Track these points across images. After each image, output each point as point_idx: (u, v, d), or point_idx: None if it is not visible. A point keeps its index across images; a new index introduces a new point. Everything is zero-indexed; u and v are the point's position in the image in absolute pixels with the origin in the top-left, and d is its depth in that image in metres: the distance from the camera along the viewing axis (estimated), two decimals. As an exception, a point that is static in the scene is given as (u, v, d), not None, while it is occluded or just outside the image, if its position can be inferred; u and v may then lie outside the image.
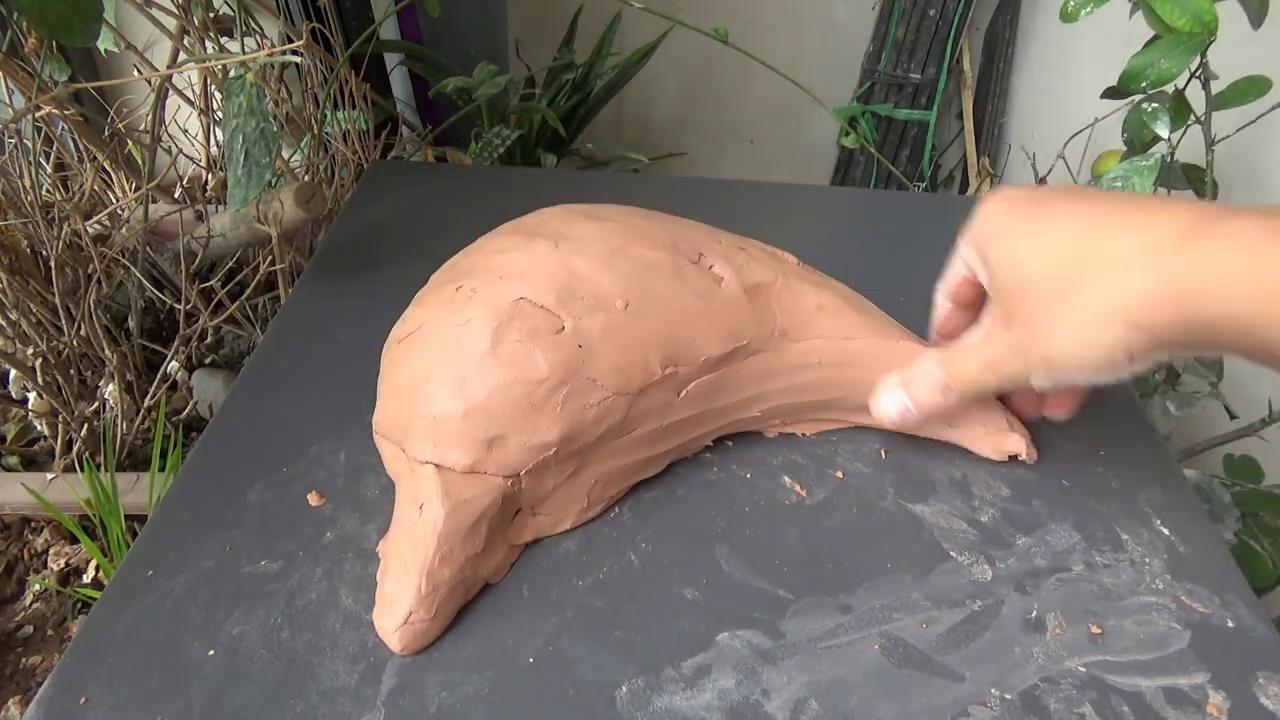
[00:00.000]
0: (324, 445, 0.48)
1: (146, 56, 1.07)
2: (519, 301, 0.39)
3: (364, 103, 1.22)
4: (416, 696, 0.36)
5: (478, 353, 0.38)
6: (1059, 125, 1.31)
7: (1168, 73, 0.69)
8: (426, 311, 0.41)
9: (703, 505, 0.46)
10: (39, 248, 1.00)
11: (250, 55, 0.66)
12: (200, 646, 0.38)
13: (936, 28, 1.69)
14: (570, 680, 0.38)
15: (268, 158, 0.62)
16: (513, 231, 0.44)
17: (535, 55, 1.70)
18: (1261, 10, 0.71)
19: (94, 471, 0.93)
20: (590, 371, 0.39)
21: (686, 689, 0.38)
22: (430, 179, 0.78)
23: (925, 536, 0.45)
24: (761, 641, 0.40)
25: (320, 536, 0.43)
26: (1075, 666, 0.39)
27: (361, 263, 0.65)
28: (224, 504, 0.45)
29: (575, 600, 0.41)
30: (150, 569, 0.41)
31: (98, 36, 0.63)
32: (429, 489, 0.39)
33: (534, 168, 1.43)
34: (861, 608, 0.41)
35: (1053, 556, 0.44)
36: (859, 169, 1.90)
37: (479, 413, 0.38)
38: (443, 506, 0.38)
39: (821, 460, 0.49)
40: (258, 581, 0.41)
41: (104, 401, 1.04)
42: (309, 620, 0.39)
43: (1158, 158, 0.67)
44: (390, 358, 0.42)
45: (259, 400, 0.52)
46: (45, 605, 0.99)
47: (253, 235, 1.07)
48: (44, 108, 0.95)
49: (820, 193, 0.81)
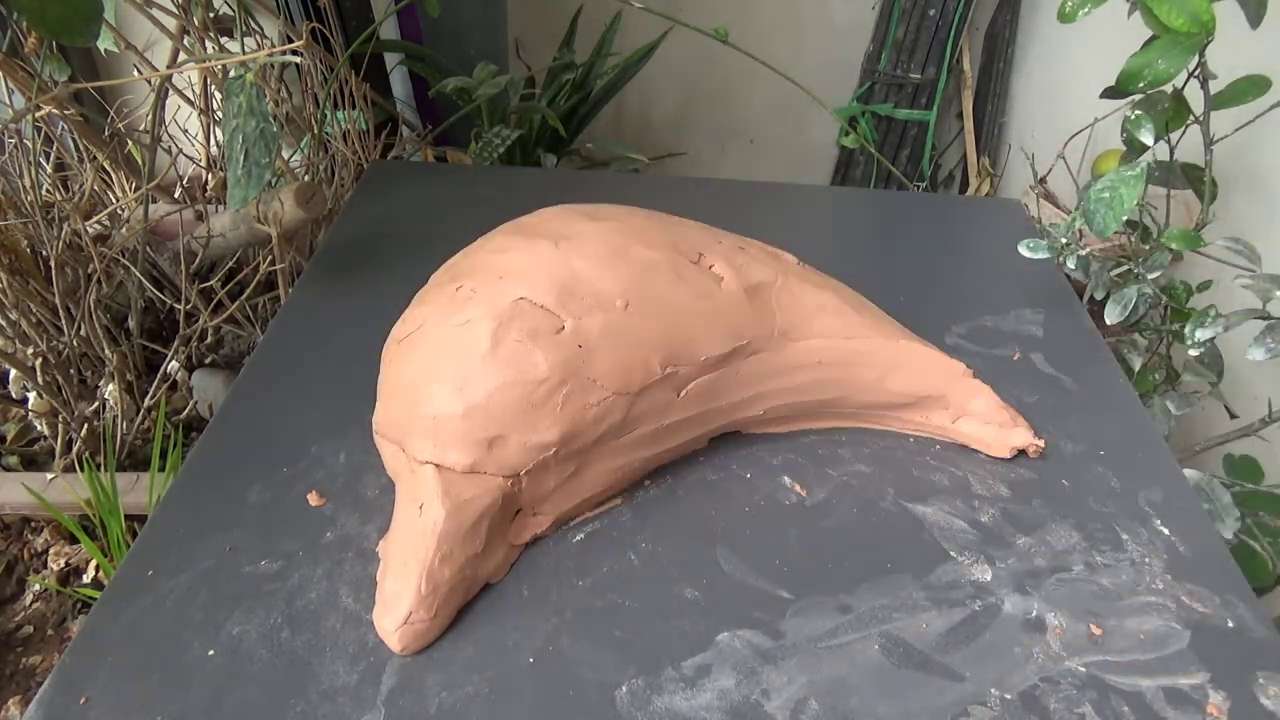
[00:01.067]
0: (324, 445, 0.48)
1: (146, 56, 1.07)
2: (519, 302, 0.39)
3: (364, 103, 1.22)
4: (416, 696, 0.36)
5: (478, 353, 0.38)
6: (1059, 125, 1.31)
7: (1165, 73, 0.69)
8: (426, 312, 0.41)
9: (703, 505, 0.46)
10: (39, 248, 1.00)
11: (250, 55, 0.66)
12: (200, 646, 0.38)
13: (936, 28, 1.69)
14: (570, 680, 0.38)
15: (267, 158, 0.62)
16: (512, 232, 0.44)
17: (535, 55, 1.70)
18: (1260, 9, 0.71)
19: (94, 471, 0.93)
20: (590, 371, 0.39)
21: (686, 689, 0.37)
22: (429, 179, 0.78)
23: (925, 537, 0.45)
24: (761, 641, 0.40)
25: (320, 536, 0.43)
26: (1075, 666, 0.39)
27: (361, 263, 0.65)
28: (224, 504, 0.45)
29: (575, 600, 0.41)
30: (150, 569, 0.41)
31: (98, 36, 0.63)
32: (429, 489, 0.39)
33: (533, 168, 1.43)
34: (861, 608, 0.41)
35: (1053, 556, 0.44)
36: (859, 169, 1.90)
37: (479, 413, 0.38)
38: (443, 506, 0.38)
39: (822, 460, 0.49)
40: (258, 581, 0.41)
41: (104, 401, 1.04)
42: (309, 620, 0.39)
43: (1143, 167, 0.66)
44: (390, 358, 0.42)
45: (259, 400, 0.52)
46: (45, 605, 0.99)
47: (253, 235, 1.07)
48: (44, 108, 0.95)
49: (820, 192, 0.81)
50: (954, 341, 0.59)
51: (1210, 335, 0.68)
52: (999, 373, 0.56)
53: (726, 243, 0.46)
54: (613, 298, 0.41)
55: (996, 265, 0.69)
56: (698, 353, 0.43)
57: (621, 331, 0.40)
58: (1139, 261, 0.75)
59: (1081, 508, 0.47)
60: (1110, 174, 0.68)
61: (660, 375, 0.41)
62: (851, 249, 0.70)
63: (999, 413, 0.48)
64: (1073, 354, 0.58)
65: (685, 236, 0.45)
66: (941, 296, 0.63)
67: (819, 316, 0.46)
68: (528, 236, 0.42)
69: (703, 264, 0.44)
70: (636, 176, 1.20)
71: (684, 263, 0.43)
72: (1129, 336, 0.88)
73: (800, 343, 0.46)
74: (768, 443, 0.50)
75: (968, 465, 0.49)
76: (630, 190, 0.80)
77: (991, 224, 0.75)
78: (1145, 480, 0.49)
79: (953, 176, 1.88)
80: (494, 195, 0.75)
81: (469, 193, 0.75)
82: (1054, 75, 1.58)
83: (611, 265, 0.41)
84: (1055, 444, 0.51)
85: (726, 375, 0.44)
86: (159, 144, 1.07)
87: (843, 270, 0.54)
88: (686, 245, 0.44)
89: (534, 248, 0.41)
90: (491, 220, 0.49)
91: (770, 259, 0.48)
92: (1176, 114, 0.77)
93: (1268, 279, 0.64)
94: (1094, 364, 0.58)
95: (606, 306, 0.40)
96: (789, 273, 0.47)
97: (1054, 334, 0.60)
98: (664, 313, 0.42)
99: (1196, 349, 0.69)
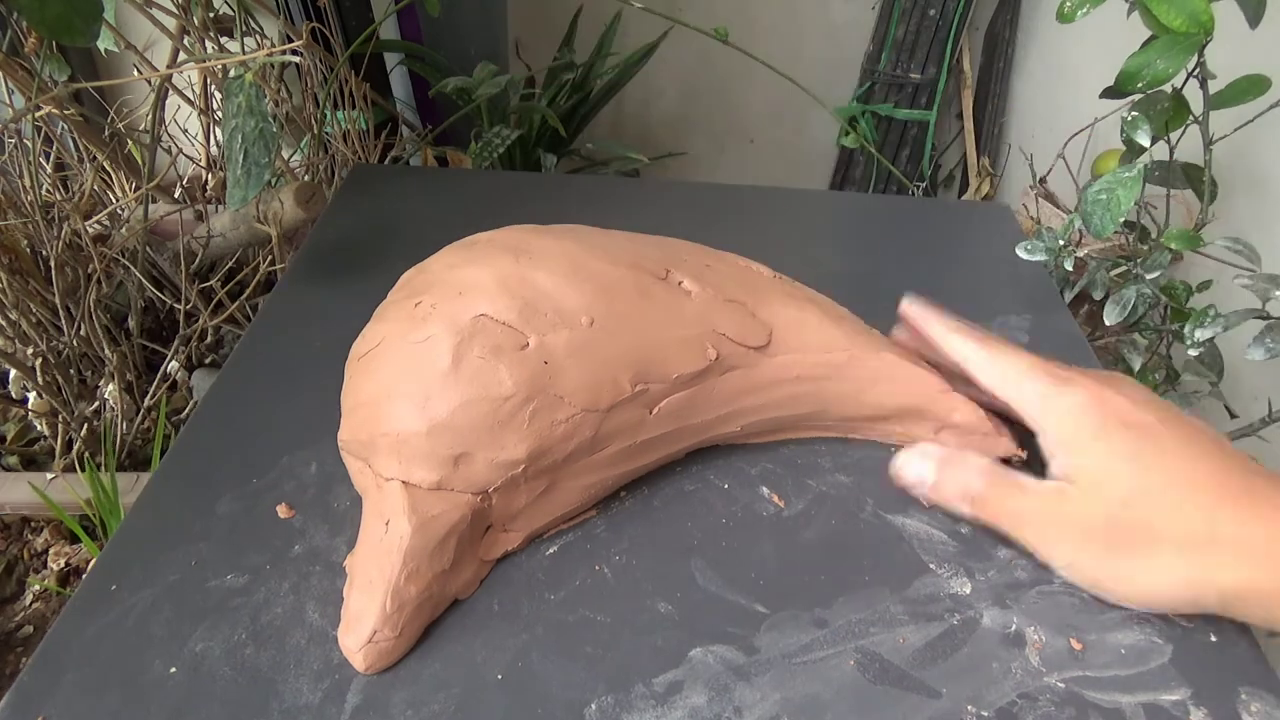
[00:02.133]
0: (295, 456, 0.48)
1: (146, 56, 1.07)
2: (479, 318, 0.39)
3: (364, 102, 1.22)
4: (381, 714, 0.36)
5: (439, 369, 0.38)
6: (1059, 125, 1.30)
7: (1164, 73, 0.68)
8: (386, 328, 0.40)
9: (678, 516, 0.46)
10: (39, 248, 1.01)
11: (250, 55, 0.66)
12: (162, 664, 0.38)
13: (936, 28, 1.68)
14: (539, 698, 0.37)
15: (267, 158, 0.62)
16: (468, 246, 0.43)
17: (535, 55, 1.69)
18: (1259, 9, 0.70)
19: (94, 471, 0.93)
20: (557, 388, 0.39)
21: (657, 706, 0.37)
22: (411, 184, 0.78)
23: (904, 548, 0.45)
24: (735, 657, 0.39)
25: (289, 550, 0.43)
26: (1054, 682, 0.39)
27: (338, 269, 0.65)
28: (192, 516, 0.44)
29: (546, 615, 0.41)
30: (113, 583, 0.41)
31: (98, 36, 0.63)
32: (395, 505, 0.38)
33: (519, 172, 1.43)
34: (838, 622, 0.41)
35: (1033, 569, 0.43)
36: (859, 169, 1.89)
37: (443, 430, 0.37)
38: (409, 523, 0.38)
39: (800, 470, 0.49)
40: (223, 596, 0.40)
41: (104, 401, 1.04)
42: (274, 636, 0.39)
43: (1140, 168, 0.66)
44: (351, 373, 0.41)
45: (231, 409, 0.52)
46: (45, 605, 0.99)
47: (252, 235, 1.08)
48: (44, 108, 0.95)
49: (809, 197, 0.80)
50: (940, 349, 0.58)
51: (1209, 335, 0.67)
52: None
53: (694, 259, 0.46)
54: (577, 314, 0.40)
55: (985, 270, 0.68)
56: (669, 370, 0.42)
57: (588, 348, 0.40)
58: (1138, 262, 0.74)
59: (1064, 520, 0.46)
60: (1108, 175, 0.67)
61: (630, 393, 0.41)
62: (839, 254, 0.70)
63: (981, 424, 0.48)
64: (1058, 360, 0.57)
65: (648, 254, 0.44)
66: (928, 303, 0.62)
67: (795, 330, 0.46)
68: (485, 251, 0.42)
69: (670, 280, 0.43)
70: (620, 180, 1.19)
71: (649, 279, 0.42)
72: (1129, 336, 0.87)
73: (776, 357, 0.45)
74: (746, 452, 0.49)
75: (950, 476, 0.49)
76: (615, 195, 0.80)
77: (982, 229, 0.74)
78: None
79: (953, 176, 1.87)
80: (477, 201, 0.74)
81: (451, 198, 0.74)
82: (1054, 75, 1.57)
83: (573, 282, 0.40)
84: (1037, 453, 0.50)
85: (701, 392, 0.44)
86: (159, 144, 1.08)
87: (829, 276, 0.54)
88: (651, 262, 0.43)
89: (493, 263, 0.40)
90: (474, 227, 0.48)
91: (742, 273, 0.47)
92: (1176, 114, 0.76)
93: (1267, 279, 0.64)
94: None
95: (571, 323, 0.40)
96: (763, 286, 0.46)
97: (1040, 339, 0.60)
98: (631, 330, 0.41)
99: (1196, 349, 0.68)
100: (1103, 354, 0.91)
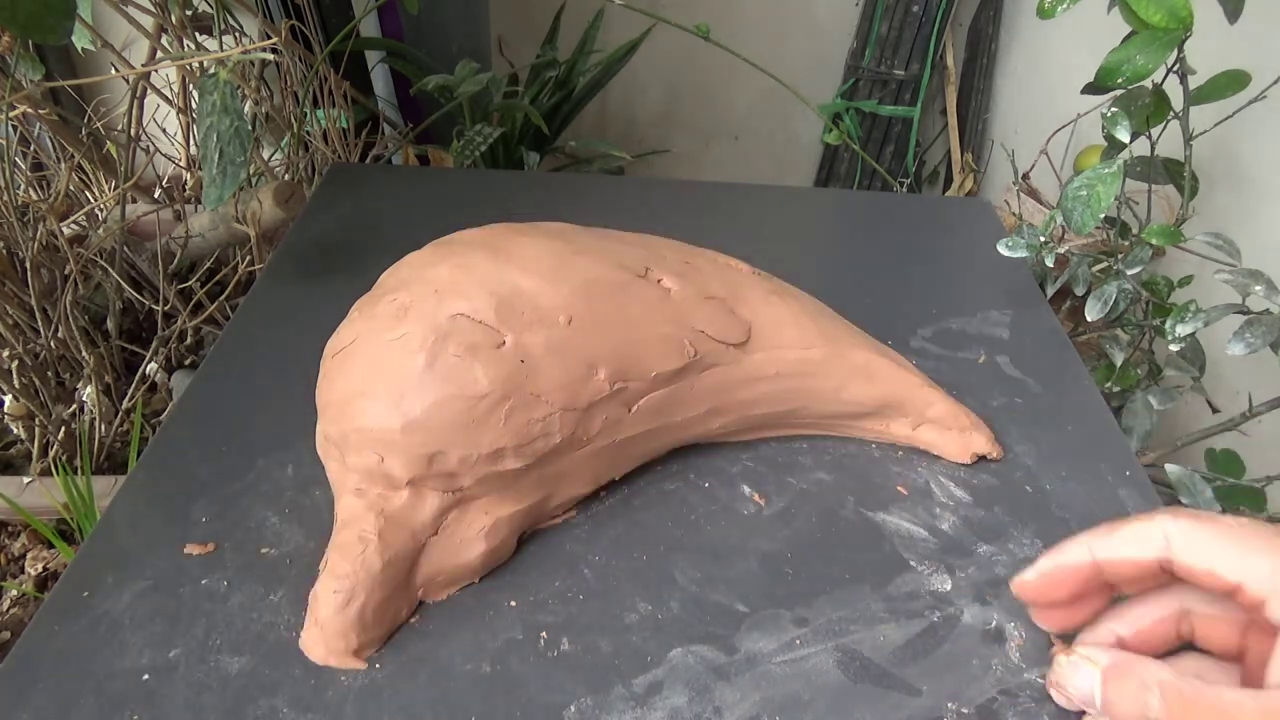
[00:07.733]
0: (271, 458, 0.47)
1: (124, 55, 1.06)
2: (456, 317, 0.38)
3: (344, 101, 1.21)
4: (358, 717, 0.36)
5: (414, 368, 0.37)
6: (1042, 121, 1.31)
7: (1144, 68, 0.69)
8: (362, 324, 0.40)
9: (659, 515, 0.46)
10: (15, 249, 0.99)
11: (226, 53, 0.65)
12: (135, 671, 0.37)
13: (920, 24, 1.68)
14: (516, 700, 0.37)
15: (242, 156, 0.61)
16: (447, 244, 0.43)
17: (518, 52, 1.69)
18: (1238, 5, 0.70)
19: (70, 475, 0.92)
20: (534, 387, 0.38)
21: (637, 707, 0.37)
22: (392, 182, 0.77)
23: (885, 546, 0.45)
24: (715, 657, 0.39)
25: (264, 554, 0.42)
26: (1034, 679, 0.39)
27: (315, 269, 0.64)
28: (167, 521, 0.44)
29: (524, 615, 0.40)
30: (86, 590, 0.40)
31: (70, 34, 0.62)
32: (368, 505, 0.38)
33: (502, 170, 1.42)
34: (818, 620, 0.41)
35: (1014, 565, 0.43)
36: (843, 165, 1.89)
37: (418, 428, 0.37)
38: (380, 520, 0.37)
39: (781, 468, 0.49)
40: (197, 601, 0.40)
41: (82, 404, 1.03)
42: (249, 642, 0.38)
43: (1120, 164, 0.66)
44: (326, 370, 0.41)
45: (207, 412, 0.51)
46: (23, 610, 0.98)
47: (231, 235, 1.07)
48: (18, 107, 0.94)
49: (789, 194, 0.80)
50: (919, 345, 0.58)
51: (1190, 330, 0.67)
52: (964, 376, 0.55)
53: (673, 256, 0.45)
54: (555, 312, 0.40)
55: (966, 266, 0.68)
56: (648, 368, 0.41)
57: (565, 347, 0.39)
58: (1120, 257, 0.74)
59: (1044, 514, 0.46)
60: (1088, 172, 0.68)
61: (609, 391, 0.40)
62: (823, 251, 0.70)
63: (959, 418, 0.48)
64: (1039, 356, 0.58)
65: (627, 252, 0.44)
66: (909, 299, 0.63)
67: (775, 327, 0.45)
68: (462, 250, 0.41)
69: (650, 278, 0.43)
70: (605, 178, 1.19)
71: (628, 277, 0.42)
72: (1110, 332, 0.88)
73: (756, 355, 0.45)
74: (727, 451, 0.49)
75: (929, 472, 0.49)
76: (601, 193, 0.79)
77: (964, 225, 0.74)
78: (1111, 485, 0.48)
79: (937, 173, 1.88)
80: (454, 199, 0.74)
81: (428, 197, 0.74)
82: (1037, 71, 1.58)
83: (552, 281, 0.40)
84: (1018, 449, 0.50)
85: (681, 390, 0.43)
86: (137, 143, 1.07)
87: (811, 273, 0.54)
88: (631, 260, 0.43)
89: (470, 261, 0.40)
90: (456, 226, 0.47)
91: (721, 270, 0.47)
92: (1156, 109, 0.76)
93: (1247, 274, 0.64)
94: (1060, 366, 0.57)
95: (548, 322, 0.39)
96: (742, 283, 0.46)
97: (1021, 336, 0.60)
98: (609, 328, 0.41)
99: (1178, 344, 0.68)
100: (1084, 349, 0.91)
